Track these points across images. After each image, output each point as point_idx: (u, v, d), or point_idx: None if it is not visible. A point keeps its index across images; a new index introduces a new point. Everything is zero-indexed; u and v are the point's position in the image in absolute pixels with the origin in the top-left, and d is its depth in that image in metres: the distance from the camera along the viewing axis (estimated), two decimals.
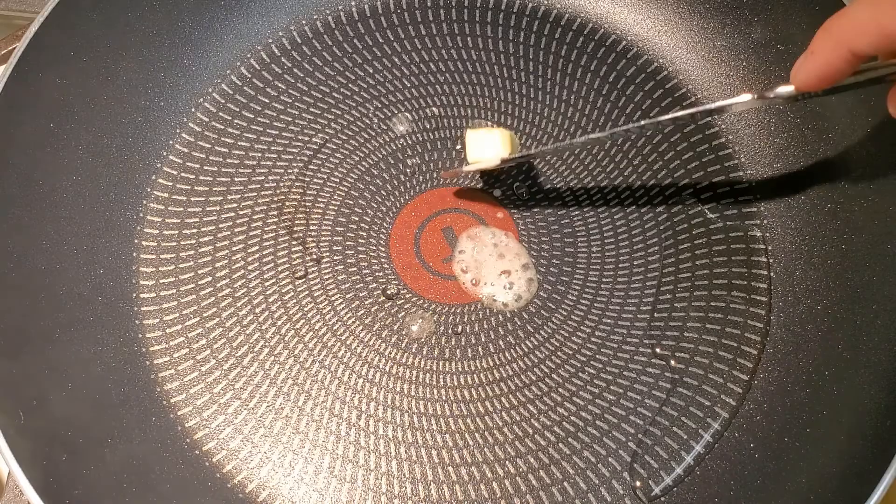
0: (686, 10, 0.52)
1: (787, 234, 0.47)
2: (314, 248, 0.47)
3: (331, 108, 0.51)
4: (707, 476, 0.41)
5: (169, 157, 0.48)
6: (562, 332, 0.45)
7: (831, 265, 0.44)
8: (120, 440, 0.39)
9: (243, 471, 0.41)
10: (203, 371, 0.43)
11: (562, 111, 0.51)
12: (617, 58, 0.52)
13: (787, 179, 0.48)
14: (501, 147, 0.45)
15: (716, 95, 0.51)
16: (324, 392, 0.43)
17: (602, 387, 0.43)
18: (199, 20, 0.50)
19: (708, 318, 0.45)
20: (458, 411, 0.43)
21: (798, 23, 0.48)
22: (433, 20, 0.53)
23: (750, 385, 0.43)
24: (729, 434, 0.42)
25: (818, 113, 0.47)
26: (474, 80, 0.52)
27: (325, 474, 0.41)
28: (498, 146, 0.45)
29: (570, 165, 0.49)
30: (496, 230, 0.47)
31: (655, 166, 0.49)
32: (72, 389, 0.39)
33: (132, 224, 0.46)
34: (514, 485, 0.41)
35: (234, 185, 0.48)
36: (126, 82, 0.47)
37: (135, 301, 0.45)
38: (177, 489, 0.39)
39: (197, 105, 0.50)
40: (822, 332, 0.43)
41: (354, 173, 0.49)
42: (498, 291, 0.45)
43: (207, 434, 0.42)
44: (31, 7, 0.54)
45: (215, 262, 0.46)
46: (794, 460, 0.40)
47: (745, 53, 0.50)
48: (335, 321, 0.45)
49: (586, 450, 0.42)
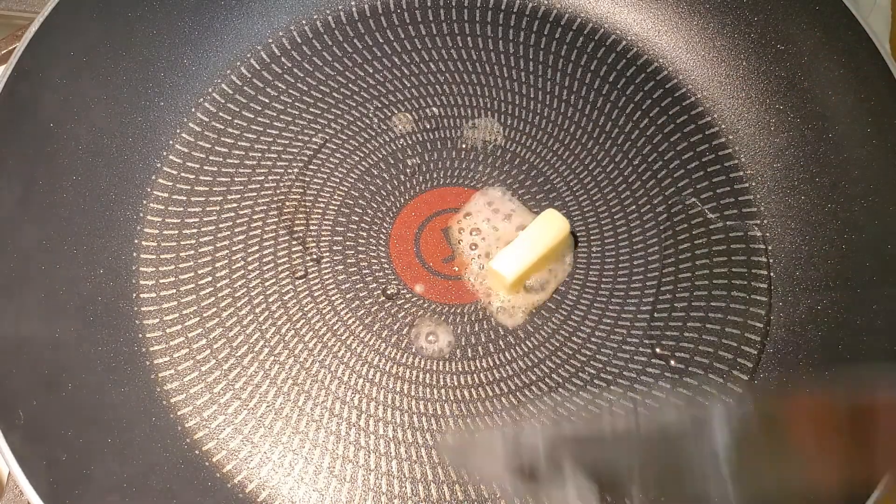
0: (686, 10, 0.52)
1: (787, 234, 0.47)
2: (314, 248, 0.47)
3: (331, 108, 0.51)
4: None
5: (169, 157, 0.48)
6: (562, 332, 0.45)
7: (831, 265, 0.44)
8: (120, 440, 0.39)
9: (243, 471, 0.41)
10: (203, 371, 0.43)
11: (562, 111, 0.51)
12: (617, 58, 0.52)
13: (787, 179, 0.48)
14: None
15: (716, 95, 0.51)
16: (324, 392, 0.43)
17: (602, 387, 0.43)
18: (199, 20, 0.50)
19: (708, 318, 0.45)
20: (458, 411, 0.43)
21: (798, 23, 0.48)
22: (433, 20, 0.53)
23: (750, 385, 0.43)
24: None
25: (818, 113, 0.47)
26: (474, 80, 0.52)
27: (325, 474, 0.41)
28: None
29: (571, 165, 0.49)
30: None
31: (655, 166, 0.49)
32: (72, 389, 0.39)
33: (132, 224, 0.46)
34: (514, 485, 0.41)
35: (234, 185, 0.48)
36: (126, 82, 0.47)
37: (135, 301, 0.45)
38: (177, 489, 0.39)
39: (197, 105, 0.50)
40: (822, 332, 0.43)
41: (354, 173, 0.49)
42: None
43: (207, 434, 0.42)
44: (31, 7, 0.54)
45: (215, 262, 0.46)
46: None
47: (745, 53, 0.50)
48: (335, 321, 0.45)
49: None
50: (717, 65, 0.51)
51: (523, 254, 0.44)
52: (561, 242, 0.45)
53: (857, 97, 0.44)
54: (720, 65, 0.51)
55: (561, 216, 0.45)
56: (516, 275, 0.43)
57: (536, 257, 0.44)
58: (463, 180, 0.49)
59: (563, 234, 0.44)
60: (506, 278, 0.43)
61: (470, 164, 0.49)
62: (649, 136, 0.50)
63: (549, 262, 0.45)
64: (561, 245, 0.45)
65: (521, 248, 0.44)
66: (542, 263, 0.45)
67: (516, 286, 0.44)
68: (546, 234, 0.44)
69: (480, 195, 0.48)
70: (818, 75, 0.47)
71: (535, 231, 0.44)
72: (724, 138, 0.50)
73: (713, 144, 0.50)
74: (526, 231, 0.44)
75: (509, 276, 0.43)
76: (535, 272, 0.45)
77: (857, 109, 0.45)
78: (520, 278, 0.44)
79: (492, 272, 0.44)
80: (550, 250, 0.44)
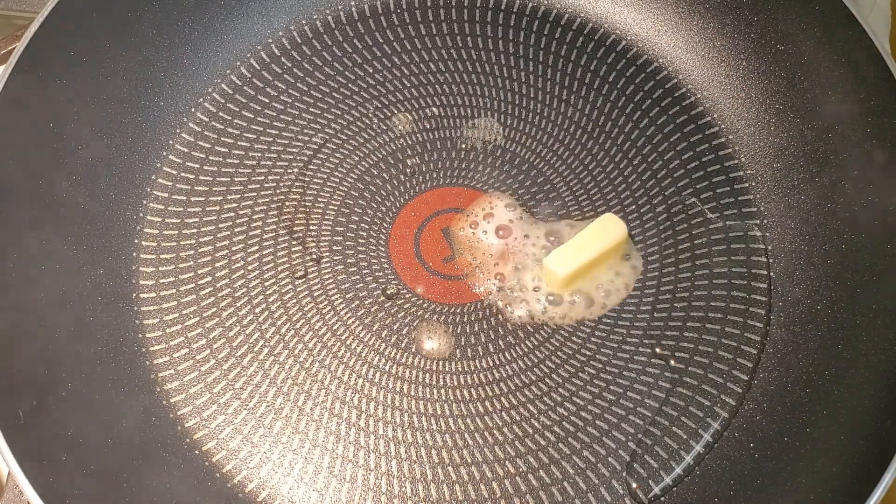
0: (686, 10, 0.52)
1: (787, 234, 0.47)
2: (314, 248, 0.47)
3: (331, 108, 0.51)
4: (707, 476, 0.41)
5: (169, 157, 0.48)
6: (562, 332, 0.45)
7: (831, 265, 0.44)
8: (120, 440, 0.39)
9: (243, 470, 0.41)
10: (203, 371, 0.43)
11: (562, 111, 0.51)
12: (617, 58, 0.52)
13: (787, 179, 0.48)
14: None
15: (716, 95, 0.51)
16: (324, 392, 0.43)
17: (602, 387, 0.43)
18: (199, 20, 0.50)
19: (708, 318, 0.45)
20: (458, 411, 0.43)
21: (798, 23, 0.48)
22: (433, 20, 0.53)
23: (750, 385, 0.43)
24: (729, 434, 0.42)
25: (818, 113, 0.47)
26: (474, 80, 0.52)
27: (325, 474, 0.41)
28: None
29: (571, 166, 0.49)
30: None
31: (655, 166, 0.49)
32: (72, 389, 0.39)
33: (132, 224, 0.46)
34: (514, 485, 0.41)
35: (234, 185, 0.48)
36: (126, 82, 0.47)
37: (135, 301, 0.45)
38: (177, 489, 0.39)
39: (197, 105, 0.50)
40: (822, 332, 0.43)
41: (354, 173, 0.49)
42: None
43: (207, 434, 0.42)
44: (31, 7, 0.54)
45: (215, 262, 0.46)
46: (794, 460, 0.40)
47: (745, 53, 0.50)
48: (335, 321, 0.45)
49: (586, 449, 0.42)
50: (717, 65, 0.51)
51: (576, 254, 0.44)
52: (616, 247, 0.45)
53: (857, 97, 0.44)
54: (720, 65, 0.51)
55: (620, 222, 0.45)
56: (568, 273, 0.44)
57: (588, 259, 0.44)
58: (463, 180, 0.49)
59: (618, 239, 0.45)
60: (557, 274, 0.44)
61: (470, 164, 0.49)
62: (649, 136, 0.50)
63: (604, 265, 0.45)
64: (616, 250, 0.45)
65: (574, 247, 0.44)
66: (595, 266, 0.45)
67: (568, 285, 0.45)
68: (602, 238, 0.45)
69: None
70: (818, 75, 0.47)
71: (592, 233, 0.45)
72: (724, 138, 0.50)
73: (713, 144, 0.50)
74: (582, 232, 0.45)
75: (561, 273, 0.44)
76: (588, 273, 0.45)
77: (857, 109, 0.45)
78: (571, 276, 0.44)
79: (546, 269, 0.44)
80: (604, 253, 0.45)
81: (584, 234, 0.45)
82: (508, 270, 0.46)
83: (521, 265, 0.45)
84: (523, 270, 0.45)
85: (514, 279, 0.45)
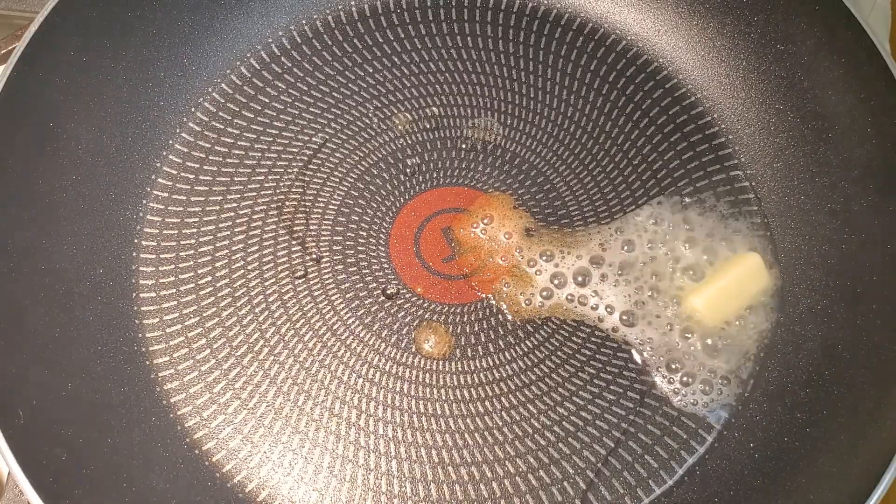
0: (686, 10, 0.52)
1: (787, 233, 0.47)
2: (314, 248, 0.47)
3: (331, 107, 0.51)
4: (707, 476, 0.41)
5: (169, 157, 0.48)
6: (562, 331, 0.45)
7: (831, 265, 0.44)
8: (120, 440, 0.39)
9: (243, 470, 0.41)
10: (203, 371, 0.43)
11: (562, 111, 0.51)
12: (617, 58, 0.52)
13: (787, 179, 0.48)
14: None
15: (716, 95, 0.51)
16: (324, 392, 0.43)
17: (602, 386, 0.43)
18: (199, 20, 0.50)
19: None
20: (458, 411, 0.43)
21: (798, 23, 0.48)
22: (433, 20, 0.53)
23: (750, 385, 0.43)
24: (729, 434, 0.42)
25: (818, 113, 0.47)
26: (474, 80, 0.52)
27: (325, 474, 0.41)
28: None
29: (571, 165, 0.49)
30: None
31: (655, 166, 0.49)
32: (72, 389, 0.39)
33: (132, 224, 0.46)
34: (513, 484, 0.41)
35: (234, 184, 0.48)
36: (126, 82, 0.47)
37: (135, 301, 0.45)
38: (177, 489, 0.39)
39: (197, 105, 0.50)
40: (822, 332, 0.43)
41: (354, 173, 0.49)
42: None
43: (207, 434, 0.42)
44: (31, 7, 0.54)
45: (215, 262, 0.46)
46: (794, 460, 0.40)
47: (744, 53, 0.50)
48: (335, 321, 0.45)
49: (586, 449, 0.42)
50: (717, 65, 0.51)
51: (723, 297, 0.45)
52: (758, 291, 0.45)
53: (857, 97, 0.44)
54: (720, 65, 0.51)
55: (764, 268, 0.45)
56: (714, 313, 0.44)
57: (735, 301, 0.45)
58: (463, 180, 0.49)
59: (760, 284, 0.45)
60: (703, 314, 0.44)
61: (470, 164, 0.49)
62: (649, 136, 0.50)
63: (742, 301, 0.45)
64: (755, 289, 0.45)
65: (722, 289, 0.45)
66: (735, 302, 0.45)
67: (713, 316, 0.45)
68: (749, 284, 0.45)
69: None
70: (818, 75, 0.47)
71: (739, 275, 0.45)
72: (724, 138, 0.50)
73: (713, 144, 0.50)
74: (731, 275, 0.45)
75: (708, 316, 0.44)
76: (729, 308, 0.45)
77: (857, 109, 0.45)
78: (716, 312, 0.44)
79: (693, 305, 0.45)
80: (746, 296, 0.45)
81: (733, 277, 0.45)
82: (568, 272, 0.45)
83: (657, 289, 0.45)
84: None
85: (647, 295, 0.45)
